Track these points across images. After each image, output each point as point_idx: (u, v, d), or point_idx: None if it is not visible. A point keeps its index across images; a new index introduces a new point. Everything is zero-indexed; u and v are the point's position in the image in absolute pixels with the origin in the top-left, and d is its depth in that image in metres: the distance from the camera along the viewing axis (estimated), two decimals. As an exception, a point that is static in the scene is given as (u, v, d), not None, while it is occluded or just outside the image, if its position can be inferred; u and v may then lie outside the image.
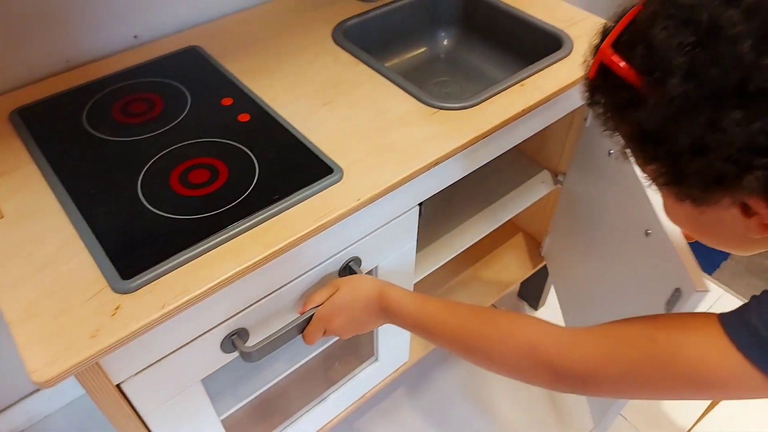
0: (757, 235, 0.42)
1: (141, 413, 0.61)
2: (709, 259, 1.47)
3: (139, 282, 0.55)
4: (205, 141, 0.72)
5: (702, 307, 0.65)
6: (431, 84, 0.98)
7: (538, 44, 0.91)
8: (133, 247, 0.59)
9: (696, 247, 0.68)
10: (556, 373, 0.53)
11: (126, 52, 0.87)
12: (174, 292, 0.55)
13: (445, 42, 1.04)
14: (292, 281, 0.67)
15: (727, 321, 0.45)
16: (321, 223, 0.62)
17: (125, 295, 0.55)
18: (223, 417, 0.74)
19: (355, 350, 0.97)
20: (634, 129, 0.42)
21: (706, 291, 0.66)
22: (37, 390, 1.15)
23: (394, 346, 0.97)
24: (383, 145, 0.71)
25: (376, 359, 0.95)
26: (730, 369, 0.44)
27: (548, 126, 0.89)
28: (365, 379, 0.96)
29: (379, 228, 0.73)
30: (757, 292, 0.46)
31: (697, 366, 0.46)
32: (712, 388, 0.46)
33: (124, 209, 0.63)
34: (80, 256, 0.59)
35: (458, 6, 1.02)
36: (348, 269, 0.73)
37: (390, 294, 0.65)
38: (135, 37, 0.88)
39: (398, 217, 0.75)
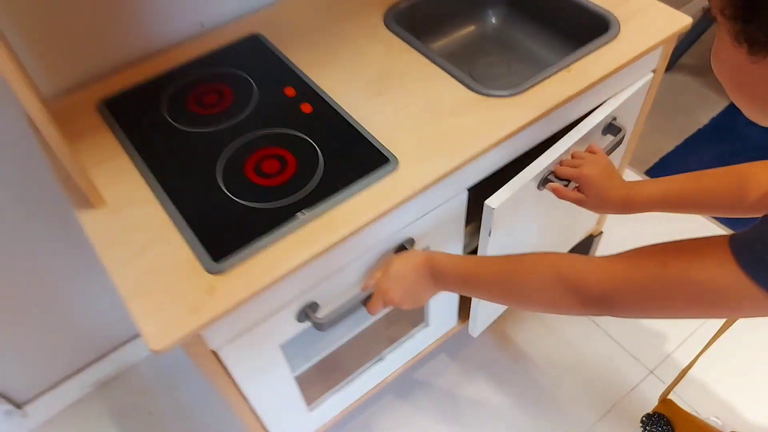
0: None
1: (232, 373, 0.72)
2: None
3: (228, 263, 0.64)
4: (273, 132, 0.79)
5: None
6: (480, 65, 1.01)
7: (584, 24, 0.93)
8: (221, 233, 0.67)
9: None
10: (580, 296, 0.57)
11: (193, 40, 0.94)
12: (259, 273, 0.64)
13: (493, 20, 1.06)
14: (354, 260, 0.75)
15: (735, 244, 0.47)
16: (380, 212, 0.69)
17: (218, 276, 0.64)
18: (296, 374, 0.85)
19: (409, 317, 1.06)
20: None
21: (490, 206, 0.77)
22: (125, 342, 1.30)
23: (443, 312, 1.05)
24: (435, 134, 0.77)
25: (427, 324, 1.04)
26: (739, 291, 0.46)
27: (594, 106, 0.92)
28: (417, 342, 1.06)
29: (430, 211, 0.80)
30: None
31: (708, 289, 0.49)
32: (724, 308, 0.50)
33: (209, 198, 0.71)
34: (175, 240, 0.68)
35: (506, -16, 1.03)
36: (402, 248, 0.80)
37: (436, 259, 0.71)
38: (201, 25, 0.95)
39: (449, 201, 0.81)
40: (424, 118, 0.79)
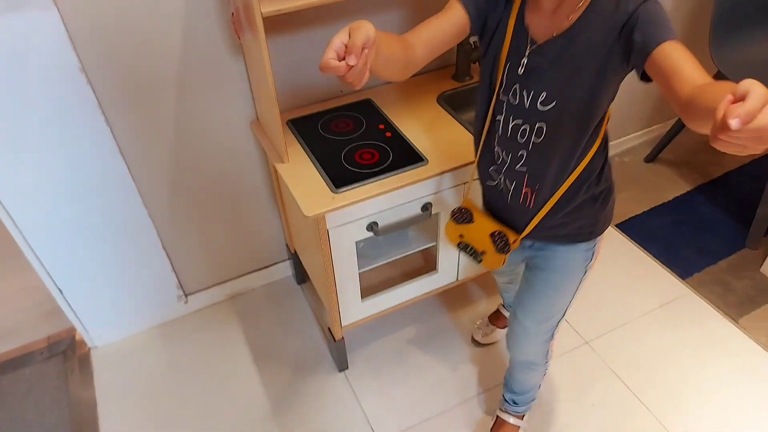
0: None
1: (332, 249, 1.48)
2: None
3: (341, 190, 1.42)
4: (370, 142, 1.59)
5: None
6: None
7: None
8: (339, 177, 1.46)
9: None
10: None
11: (339, 95, 1.79)
12: (354, 196, 1.40)
13: (501, 106, 1.84)
14: (401, 204, 1.51)
15: None
16: (416, 180, 1.45)
17: (335, 194, 1.41)
18: (360, 271, 1.59)
19: (426, 264, 1.77)
20: None
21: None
22: (251, 272, 2.09)
23: (448, 267, 1.76)
24: (450, 151, 1.53)
25: (437, 271, 1.75)
26: None
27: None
28: (427, 283, 1.77)
29: (442, 191, 1.55)
30: None
31: None
32: None
33: (336, 165, 1.51)
34: (319, 179, 1.47)
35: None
36: (425, 208, 1.55)
37: None
38: (341, 91, 1.80)
39: (452, 187, 1.56)
40: (445, 144, 1.56)
